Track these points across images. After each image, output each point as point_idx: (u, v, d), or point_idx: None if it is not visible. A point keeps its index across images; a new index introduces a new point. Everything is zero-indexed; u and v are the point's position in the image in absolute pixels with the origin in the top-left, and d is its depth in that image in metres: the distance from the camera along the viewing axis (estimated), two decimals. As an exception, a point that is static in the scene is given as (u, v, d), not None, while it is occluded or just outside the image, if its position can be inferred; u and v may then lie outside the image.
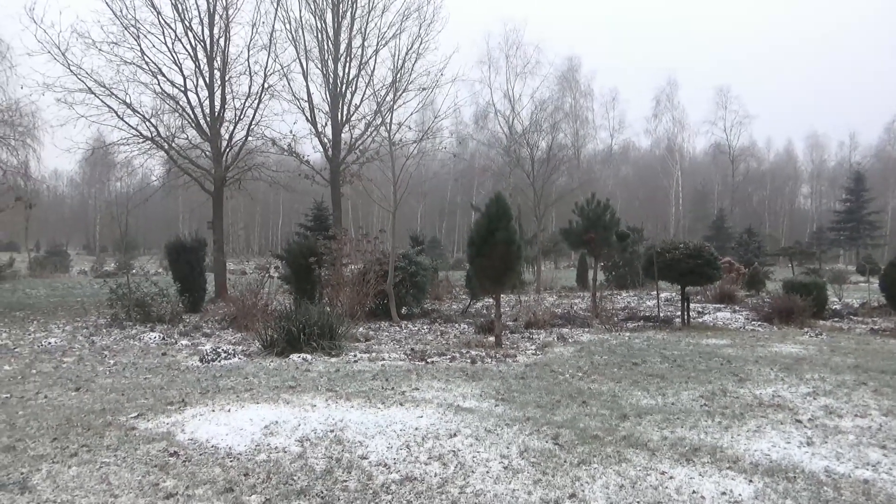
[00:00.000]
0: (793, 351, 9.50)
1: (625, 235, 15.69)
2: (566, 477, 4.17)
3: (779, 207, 74.36)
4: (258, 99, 19.66)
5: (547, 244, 31.79)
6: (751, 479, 4.14)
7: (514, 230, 9.70)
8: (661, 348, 9.77)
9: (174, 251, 15.65)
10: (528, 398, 6.34)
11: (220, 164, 19.33)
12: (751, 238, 38.67)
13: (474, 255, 9.93)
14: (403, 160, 16.20)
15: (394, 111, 18.03)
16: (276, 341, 9.27)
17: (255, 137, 20.17)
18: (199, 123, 19.32)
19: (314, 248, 14.25)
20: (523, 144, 28.05)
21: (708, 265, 12.98)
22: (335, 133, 20.32)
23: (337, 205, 20.97)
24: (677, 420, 5.53)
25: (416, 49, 19.97)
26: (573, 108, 53.96)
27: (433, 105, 22.33)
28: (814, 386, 6.95)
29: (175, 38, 18.66)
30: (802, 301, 13.50)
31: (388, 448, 4.76)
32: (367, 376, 7.47)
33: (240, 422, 5.42)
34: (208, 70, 19.29)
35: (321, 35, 20.32)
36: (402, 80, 19.51)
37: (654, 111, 66.21)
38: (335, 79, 20.35)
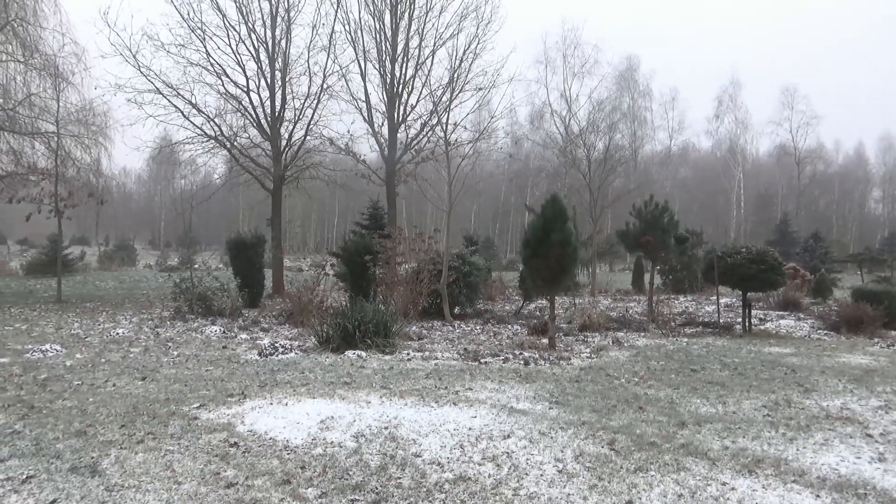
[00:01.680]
0: (862, 362, 9.08)
1: (684, 239, 15.33)
2: (622, 483, 4.10)
3: (847, 212, 71.13)
4: (317, 99, 20.09)
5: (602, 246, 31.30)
6: (818, 494, 3.97)
7: (570, 232, 9.58)
8: (721, 355, 9.49)
9: (234, 247, 16.11)
10: (583, 402, 6.26)
11: (280, 163, 19.81)
12: (817, 243, 37.14)
13: (529, 257, 9.86)
14: (458, 160, 16.27)
15: (450, 111, 18.13)
16: (331, 337, 9.42)
17: (313, 137, 20.63)
18: (259, 123, 19.86)
19: (369, 247, 14.42)
20: (580, 145, 27.73)
21: (772, 270, 12.53)
22: (391, 133, 20.54)
23: (392, 204, 21.18)
24: (739, 430, 5.36)
25: (473, 49, 20.03)
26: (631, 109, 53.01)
27: (489, 105, 22.36)
28: (886, 399, 6.62)
29: (239, 40, 19.25)
30: (872, 310, 12.88)
31: (442, 447, 4.78)
32: (421, 375, 7.51)
33: (297, 415, 5.53)
34: (270, 71, 19.80)
35: (379, 36, 20.59)
36: (459, 80, 19.59)
37: (715, 111, 64.29)
38: (392, 79, 20.57)
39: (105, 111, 20.00)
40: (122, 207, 68.41)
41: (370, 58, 20.72)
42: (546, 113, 33.72)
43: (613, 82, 50.06)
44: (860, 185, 73.44)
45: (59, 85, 18.02)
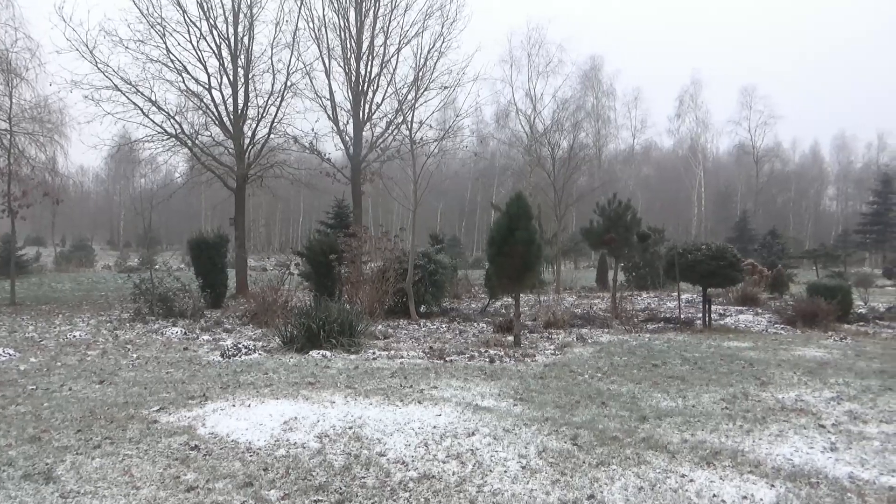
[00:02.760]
0: (816, 355, 9.36)
1: (646, 236, 15.58)
2: (585, 478, 4.15)
3: (803, 209, 73.21)
4: (281, 97, 19.85)
5: (567, 244, 31.63)
6: (772, 484, 4.08)
7: (535, 230, 9.67)
8: (682, 350, 9.67)
9: (196, 247, 15.83)
10: (547, 398, 6.32)
11: (243, 162, 19.54)
12: (774, 240, 38.09)
13: (494, 255, 9.92)
14: (424, 159, 16.26)
15: (415, 109, 18.09)
16: (295, 338, 9.34)
17: (277, 135, 20.39)
18: (222, 121, 19.55)
19: (334, 246, 14.33)
20: (544, 144, 27.97)
21: (731, 267, 12.82)
22: (356, 131, 20.39)
23: (357, 203, 21.05)
24: (698, 423, 5.47)
25: (438, 47, 19.96)
26: (595, 108, 53.74)
27: (454, 104, 22.37)
28: (838, 391, 6.84)
29: (200, 36, 18.92)
30: (827, 304, 13.29)
31: (407, 446, 4.77)
32: (386, 374, 7.50)
33: (259, 417, 5.47)
34: (232, 68, 19.51)
35: (344, 33, 20.40)
36: (424, 79, 19.54)
37: (677, 111, 65.48)
38: (357, 77, 20.41)
39: (61, 108, 19.50)
40: (80, 207, 66.67)
41: (335, 55, 20.53)
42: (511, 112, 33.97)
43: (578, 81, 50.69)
44: (815, 183, 75.67)
45: (11, 81, 17.47)
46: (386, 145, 20.35)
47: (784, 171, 72.95)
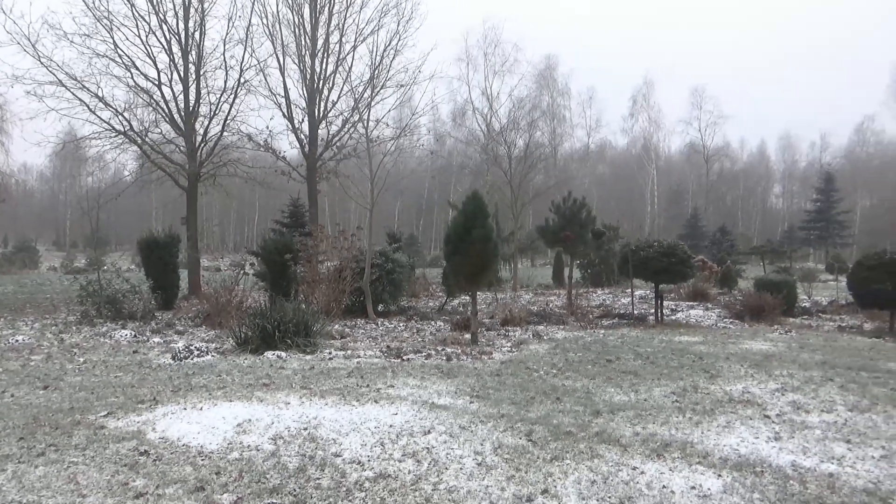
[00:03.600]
0: (763, 348, 9.67)
1: (600, 233, 15.84)
2: (539, 473, 4.20)
3: (751, 207, 75.62)
4: (234, 94, 19.50)
5: (524, 242, 31.93)
6: (720, 474, 4.21)
7: (491, 228, 9.73)
8: (635, 345, 9.87)
9: (147, 247, 15.42)
10: (503, 395, 6.37)
11: (195, 160, 19.12)
12: (724, 237, 39.22)
13: (451, 253, 9.95)
14: (381, 157, 16.17)
15: (371, 108, 18.02)
16: (250, 339, 9.19)
17: (230, 133, 20.02)
18: (173, 118, 19.09)
19: (290, 245, 14.16)
20: (501, 142, 28.15)
21: (681, 263, 13.14)
22: (312, 129, 20.19)
23: (313, 201, 20.85)
24: (649, 416, 5.60)
25: (394, 46, 19.95)
26: (550, 107, 54.22)
27: (411, 102, 22.36)
28: (782, 382, 7.08)
29: (149, 31, 18.44)
30: (773, 299, 13.74)
31: (363, 445, 4.75)
32: (343, 374, 7.45)
33: (212, 420, 5.37)
34: (183, 64, 19.07)
35: (298, 30, 20.19)
36: (380, 77, 19.52)
37: (630, 110, 66.76)
38: (312, 74, 20.21)
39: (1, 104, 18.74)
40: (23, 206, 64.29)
41: (289, 52, 20.29)
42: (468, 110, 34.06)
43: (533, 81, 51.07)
44: (762, 182, 78.21)
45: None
46: (342, 143, 20.22)
47: (733, 170, 75.20)
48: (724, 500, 3.80)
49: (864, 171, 67.40)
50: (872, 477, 4.19)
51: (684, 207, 64.53)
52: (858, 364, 8.21)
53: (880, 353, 9.40)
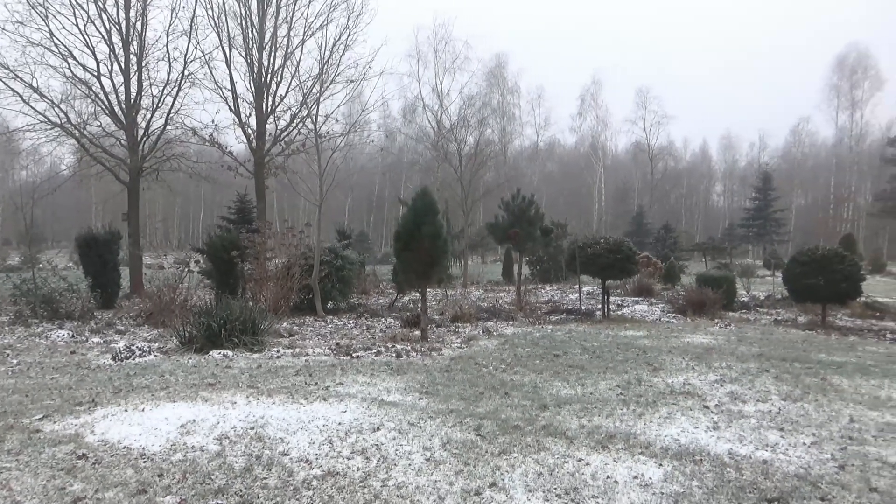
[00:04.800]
0: (703, 341, 9.99)
1: (548, 230, 16.06)
2: (487, 467, 4.25)
3: (694, 205, 77.94)
4: (178, 86, 18.97)
5: (474, 239, 32.12)
6: (661, 463, 4.34)
7: (441, 225, 9.76)
8: (582, 340, 10.07)
9: (85, 244, 14.87)
10: (452, 391, 6.41)
11: (136, 154, 18.53)
12: (667, 234, 40.32)
13: (400, 250, 9.93)
14: (330, 153, 16.01)
15: (320, 103, 17.79)
16: (195, 338, 8.98)
17: (174, 126, 19.46)
18: (113, 110, 18.45)
19: (236, 242, 13.88)
20: (451, 139, 28.25)
21: (627, 260, 13.45)
22: (259, 124, 19.83)
23: (261, 197, 20.48)
24: (595, 409, 5.72)
25: (343, 41, 19.76)
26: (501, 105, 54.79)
27: (361, 98, 22.22)
28: (721, 374, 7.34)
29: (88, 20, 17.75)
30: (714, 294, 14.21)
31: (311, 444, 4.72)
32: (291, 372, 7.36)
33: (154, 421, 5.23)
34: (124, 55, 18.43)
35: (245, 22, 19.78)
36: (329, 72, 19.29)
37: (579, 109, 68.03)
38: (260, 68, 19.85)
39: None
40: (-49, 201, 61.09)
41: (236, 45, 19.85)
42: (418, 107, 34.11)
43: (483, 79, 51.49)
44: (705, 180, 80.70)
45: None
46: (291, 139, 19.91)
47: (676, 169, 77.35)
48: (664, 489, 3.92)
49: (799, 171, 70.32)
50: (803, 462, 4.39)
51: (630, 205, 66.06)
52: (792, 356, 8.59)
53: (812, 344, 9.84)
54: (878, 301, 15.97)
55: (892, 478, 4.13)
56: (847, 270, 12.02)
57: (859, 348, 9.56)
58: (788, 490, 3.90)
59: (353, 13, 20.01)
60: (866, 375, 7.34)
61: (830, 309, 13.16)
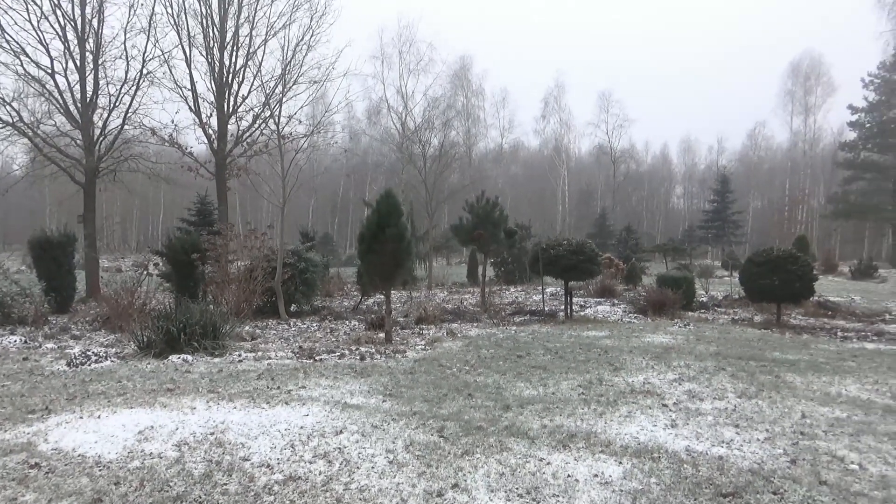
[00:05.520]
0: (663, 341, 10.19)
1: (512, 232, 16.17)
2: (450, 468, 4.27)
3: (655, 207, 79.42)
4: (136, 85, 18.53)
5: (439, 241, 32.15)
6: (620, 461, 4.42)
7: (405, 227, 9.75)
8: (545, 341, 10.17)
9: (38, 247, 14.43)
10: (416, 393, 6.42)
11: (93, 154, 18.06)
12: (629, 235, 40.94)
13: (364, 252, 9.90)
14: (293, 154, 15.83)
15: (283, 104, 17.61)
16: (153, 342, 8.80)
17: (132, 126, 19.00)
18: (68, 109, 17.95)
19: (197, 244, 13.64)
20: (416, 141, 28.25)
21: (589, 261, 13.63)
22: (221, 124, 19.53)
23: (223, 199, 20.16)
24: (556, 409, 5.79)
25: (307, 41, 19.58)
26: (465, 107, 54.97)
27: (325, 99, 22.07)
28: (680, 373, 7.50)
29: (41, 16, 17.23)
30: (674, 294, 14.49)
31: (272, 448, 4.67)
32: (252, 376, 7.27)
33: (111, 428, 5.12)
34: (79, 52, 17.95)
35: (206, 21, 19.46)
36: (293, 73, 19.10)
37: (542, 112, 68.64)
38: (221, 68, 19.56)
39: None
40: None
41: (196, 44, 19.51)
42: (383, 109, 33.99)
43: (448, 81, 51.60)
44: (665, 183, 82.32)
45: None
46: (253, 139, 19.66)
47: (638, 171, 78.68)
48: (623, 486, 4.00)
49: (755, 174, 72.23)
50: (757, 458, 4.52)
51: (593, 207, 66.94)
52: (748, 354, 8.82)
53: (767, 343, 10.12)
54: (829, 300, 16.50)
55: (841, 471, 4.28)
56: (800, 271, 12.38)
57: (812, 346, 9.87)
58: (743, 485, 4.01)
59: (317, 14, 19.87)
60: (818, 372, 7.58)
61: (785, 308, 13.55)
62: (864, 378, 7.30)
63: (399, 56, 33.59)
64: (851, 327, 12.54)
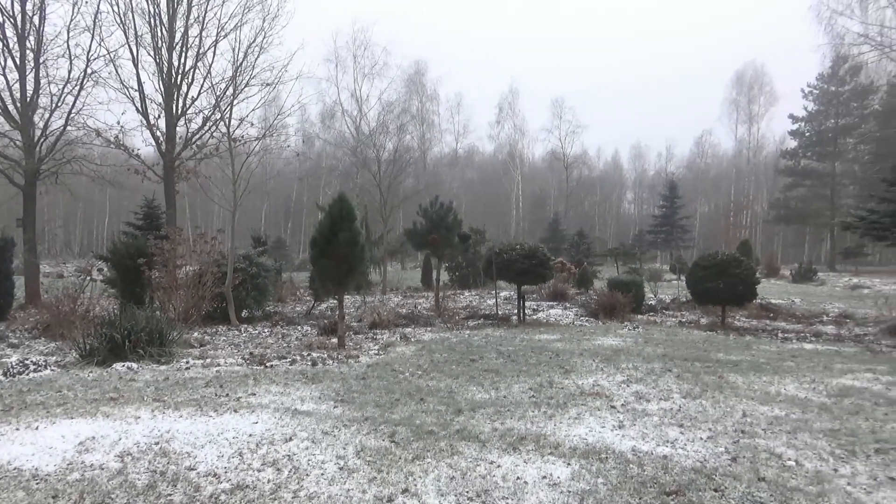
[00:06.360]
0: (613, 343, 10.38)
1: (466, 237, 16.25)
2: (400, 473, 4.27)
3: (607, 211, 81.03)
4: (80, 85, 17.97)
5: (394, 245, 32.06)
6: (569, 463, 4.49)
7: (358, 231, 9.70)
8: (498, 345, 10.24)
9: (-26, 252, 13.85)
10: (368, 398, 6.39)
11: (33, 156, 17.41)
12: (581, 240, 41.61)
13: (317, 256, 9.80)
14: (245, 157, 15.58)
15: (234, 106, 17.30)
16: (96, 350, 8.52)
17: (75, 127, 18.40)
18: (6, 109, 17.28)
19: (143, 249, 13.29)
20: (370, 145, 28.14)
21: (541, 265, 13.80)
22: (169, 126, 19.10)
23: (171, 203, 19.69)
24: (507, 412, 5.84)
25: (259, 43, 19.31)
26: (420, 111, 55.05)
27: (277, 101, 21.79)
28: (628, 374, 7.66)
29: (-24, 12, 16.56)
30: (624, 297, 14.79)
31: (219, 457, 4.58)
32: (200, 383, 7.11)
33: (49, 440, 4.94)
34: (19, 50, 17.30)
35: (154, 20, 19.03)
36: (244, 75, 18.80)
37: (497, 118, 69.28)
38: (170, 68, 19.13)
39: None
40: None
41: (143, 44, 19.04)
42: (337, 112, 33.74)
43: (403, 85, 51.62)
44: (617, 188, 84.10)
45: None
46: (203, 142, 19.26)
47: (590, 177, 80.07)
48: (571, 487, 4.06)
49: (702, 180, 74.39)
50: (700, 456, 4.65)
51: (547, 212, 67.82)
52: (693, 355, 9.07)
53: (712, 344, 10.42)
54: (771, 302, 17.10)
55: (779, 468, 4.44)
56: (744, 274, 12.79)
57: (754, 347, 10.20)
58: (686, 483, 4.12)
59: (269, 15, 19.63)
60: (759, 372, 7.84)
61: (729, 310, 13.97)
62: (802, 377, 7.59)
63: (354, 60, 33.49)
64: (791, 328, 13.00)
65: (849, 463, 4.56)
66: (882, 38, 30.75)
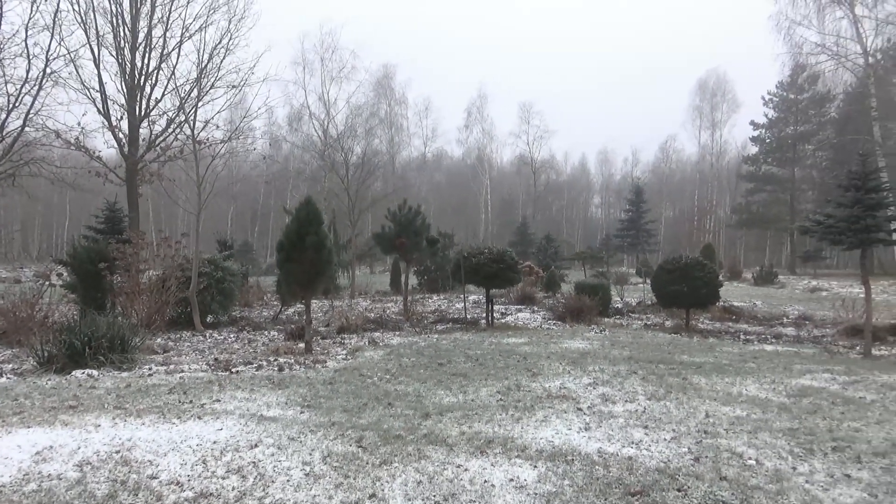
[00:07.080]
0: (580, 346, 10.49)
1: (434, 241, 16.27)
2: (367, 478, 4.24)
3: (574, 216, 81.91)
4: (38, 85, 17.55)
5: (362, 249, 31.91)
6: (535, 465, 4.52)
7: (325, 235, 9.64)
8: (466, 348, 10.26)
9: (-74, 256, 13.40)
10: (335, 403, 6.34)
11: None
12: (549, 244, 41.93)
13: (284, 260, 9.72)
14: (210, 160, 15.38)
15: (199, 108, 17.08)
16: (55, 357, 8.30)
17: (34, 128, 17.97)
18: (-40, 109, 16.79)
19: (105, 253, 13.00)
20: (338, 149, 28.00)
21: (509, 269, 13.88)
22: (132, 128, 18.77)
23: (133, 206, 19.34)
24: (475, 415, 5.86)
25: (224, 44, 19.13)
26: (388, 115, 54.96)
27: (244, 104, 21.56)
28: (595, 377, 7.74)
29: (-72, 9, 16.06)
30: (591, 301, 14.96)
31: (182, 465, 4.50)
32: (163, 390, 6.98)
33: (5, 450, 4.79)
34: (-27, 49, 16.83)
35: (116, 20, 18.72)
36: (209, 76, 18.58)
37: (465, 122, 69.59)
38: (133, 69, 18.82)
39: None
40: None
41: (106, 44, 18.72)
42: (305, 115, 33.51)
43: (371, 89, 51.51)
44: (584, 193, 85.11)
45: None
46: (167, 144, 18.96)
47: (558, 181, 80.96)
48: (538, 489, 4.09)
49: (667, 184, 75.76)
50: (664, 457, 4.72)
51: (515, 216, 68.19)
52: (658, 358, 9.21)
53: (677, 347, 10.60)
54: (734, 305, 17.47)
55: (740, 467, 4.53)
56: (707, 278, 13.05)
57: (717, 349, 10.41)
58: (650, 483, 4.18)
59: (236, 17, 19.47)
60: (722, 374, 8.00)
61: (693, 313, 14.24)
62: (762, 378, 7.76)
63: (321, 63, 33.30)
64: (753, 330, 13.31)
65: (807, 461, 4.68)
66: (838, 48, 31.76)
